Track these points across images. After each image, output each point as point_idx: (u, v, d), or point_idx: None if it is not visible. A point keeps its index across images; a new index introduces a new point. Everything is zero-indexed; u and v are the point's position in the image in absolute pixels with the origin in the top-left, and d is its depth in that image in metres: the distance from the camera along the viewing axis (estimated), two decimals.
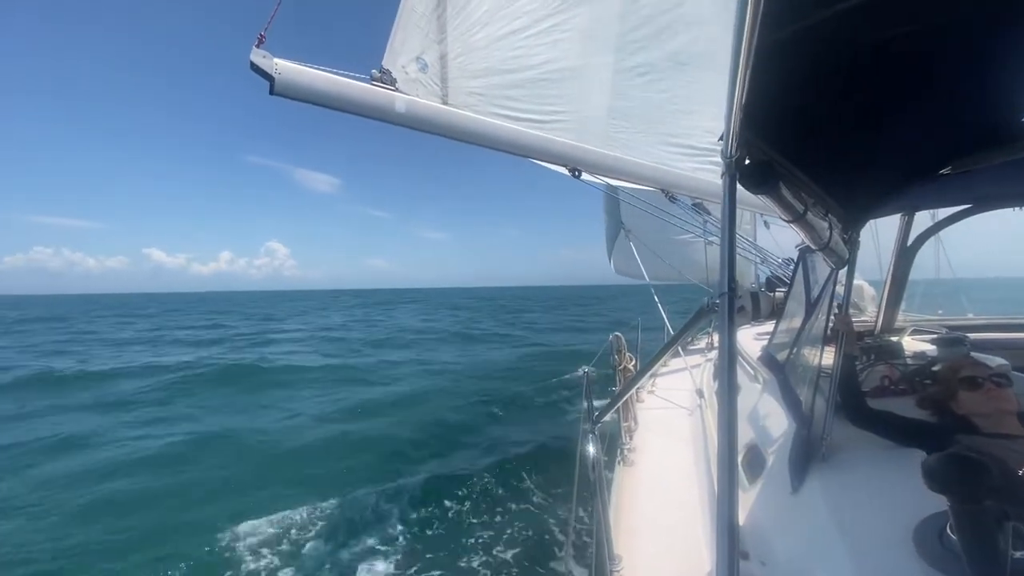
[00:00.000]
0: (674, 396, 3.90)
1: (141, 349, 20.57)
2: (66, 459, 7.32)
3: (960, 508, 0.61)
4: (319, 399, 10.83)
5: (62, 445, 7.95)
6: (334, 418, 9.35)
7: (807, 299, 2.24)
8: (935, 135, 1.41)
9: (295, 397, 11.11)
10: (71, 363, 16.20)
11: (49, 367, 15.12)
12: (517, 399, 10.22)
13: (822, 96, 1.09)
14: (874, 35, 0.95)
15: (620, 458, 2.78)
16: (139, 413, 9.94)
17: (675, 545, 1.87)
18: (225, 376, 13.40)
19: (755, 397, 2.44)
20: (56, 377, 13.63)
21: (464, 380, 12.81)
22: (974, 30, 0.96)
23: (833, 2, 0.76)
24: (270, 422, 9.16)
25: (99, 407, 10.52)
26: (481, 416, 9.23)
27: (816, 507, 1.44)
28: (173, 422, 9.24)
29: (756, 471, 1.91)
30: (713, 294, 0.94)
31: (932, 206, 2.40)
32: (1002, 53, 1.01)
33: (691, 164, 3.66)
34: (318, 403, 10.51)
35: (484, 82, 2.92)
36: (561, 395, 10.27)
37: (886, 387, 2.00)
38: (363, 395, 11.22)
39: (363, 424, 9.02)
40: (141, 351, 19.82)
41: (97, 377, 13.75)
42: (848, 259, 1.74)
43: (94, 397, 11.38)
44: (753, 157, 1.04)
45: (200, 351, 19.39)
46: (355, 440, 8.03)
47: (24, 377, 13.66)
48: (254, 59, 2.18)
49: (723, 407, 0.76)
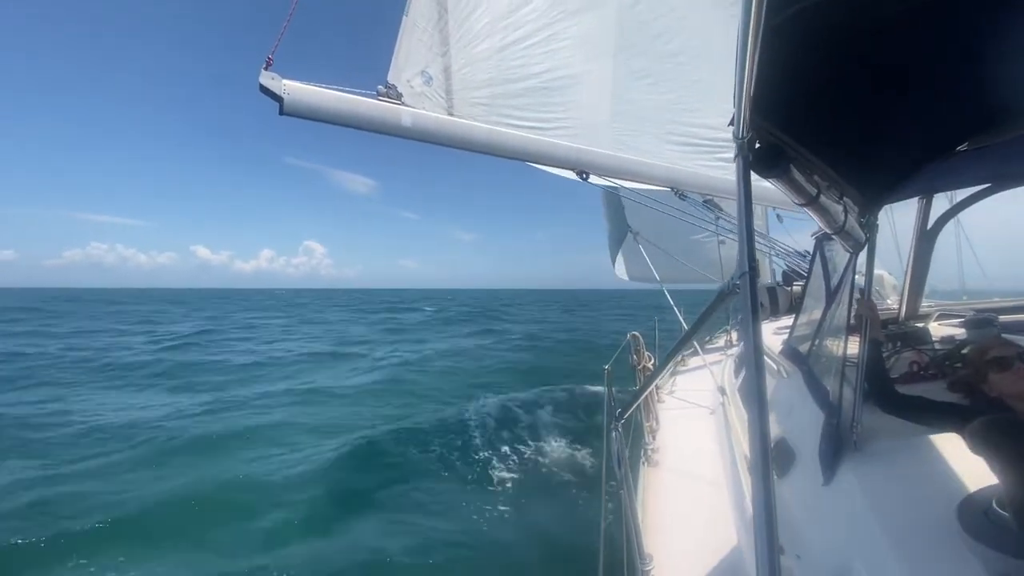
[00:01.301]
0: (695, 396, 3.84)
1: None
2: None
3: (1006, 468, 0.59)
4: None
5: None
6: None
7: (827, 288, 2.20)
8: (949, 112, 1.38)
9: None
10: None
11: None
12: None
13: (831, 78, 1.09)
14: (880, 13, 0.94)
15: (644, 458, 2.74)
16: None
17: (706, 542, 1.83)
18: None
19: (780, 391, 2.39)
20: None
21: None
22: (983, 5, 0.95)
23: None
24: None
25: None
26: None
27: (851, 497, 1.40)
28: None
29: (785, 465, 1.86)
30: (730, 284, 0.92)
31: (950, 187, 2.35)
32: (1014, 26, 1.00)
33: (700, 161, 3.65)
34: None
35: (488, 92, 2.96)
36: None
37: (915, 373, 1.94)
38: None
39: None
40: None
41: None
42: (866, 242, 1.71)
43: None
44: (764, 140, 1.03)
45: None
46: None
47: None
48: (263, 81, 2.24)
49: (752, 395, 0.74)
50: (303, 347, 20.39)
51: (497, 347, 20.07)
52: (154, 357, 16.60)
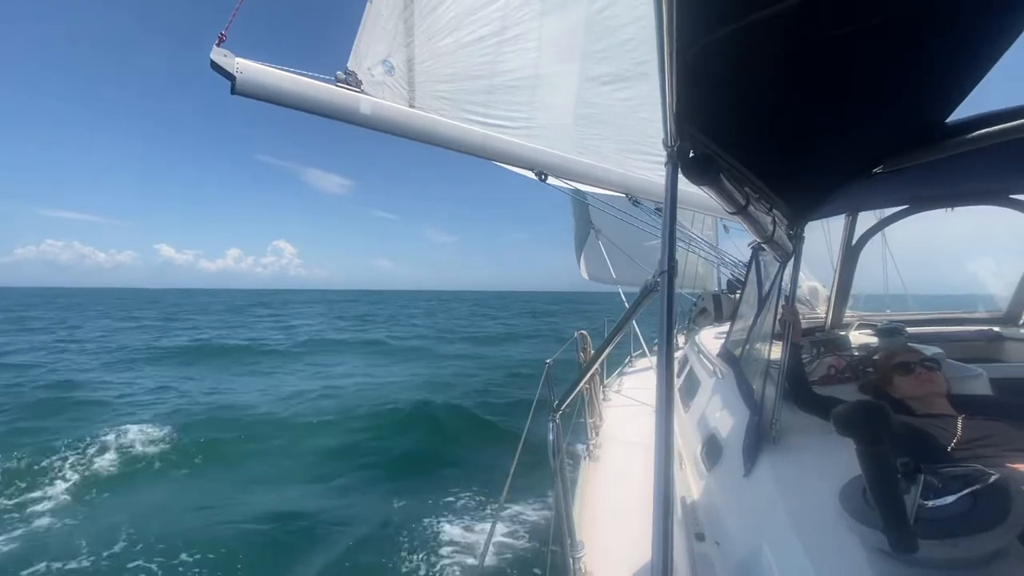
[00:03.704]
0: (640, 394, 4.00)
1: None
2: None
3: (864, 450, 0.67)
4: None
5: None
6: None
7: (759, 295, 2.35)
8: (867, 135, 1.48)
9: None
10: None
11: None
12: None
13: (754, 96, 1.13)
14: (800, 35, 1.00)
15: (586, 454, 2.84)
16: None
17: (638, 533, 1.92)
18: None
19: (715, 391, 2.53)
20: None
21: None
22: (901, 31, 1.02)
23: (744, 15, 0.78)
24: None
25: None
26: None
27: (766, 487, 1.51)
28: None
29: (714, 459, 1.98)
30: (661, 285, 0.97)
31: (871, 207, 2.56)
32: (927, 55, 1.08)
33: (655, 170, 3.78)
34: None
35: (451, 87, 2.97)
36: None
37: (832, 375, 2.11)
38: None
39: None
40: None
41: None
42: (793, 253, 1.85)
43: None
44: (697, 149, 1.10)
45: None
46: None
47: None
48: (214, 58, 2.16)
49: (660, 382, 0.79)
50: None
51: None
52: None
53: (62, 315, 40.13)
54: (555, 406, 1.71)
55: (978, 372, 2.03)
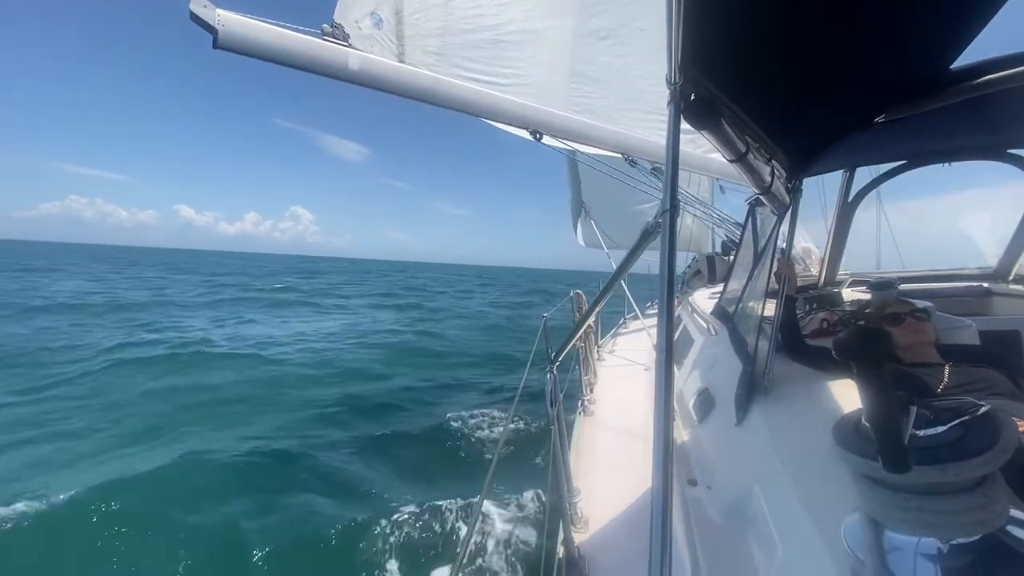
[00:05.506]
0: (633, 355, 4.08)
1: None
2: None
3: (865, 373, 0.69)
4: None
5: None
6: None
7: (755, 250, 2.36)
8: (871, 82, 1.45)
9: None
10: None
11: None
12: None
13: (757, 41, 1.11)
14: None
15: (581, 409, 2.91)
16: None
17: (630, 480, 1.99)
18: None
19: (708, 348, 2.58)
20: None
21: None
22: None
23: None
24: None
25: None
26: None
27: (758, 433, 1.56)
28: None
29: (706, 411, 2.04)
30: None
31: (869, 162, 2.53)
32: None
33: (651, 128, 3.71)
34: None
35: (441, 41, 2.85)
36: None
37: (824, 329, 2.15)
38: None
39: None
40: None
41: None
42: (790, 207, 1.84)
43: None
44: (698, 93, 1.08)
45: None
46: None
47: None
48: (194, 9, 2.06)
49: (661, 325, 0.80)
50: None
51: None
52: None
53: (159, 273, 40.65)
54: (552, 357, 1.74)
55: (967, 323, 2.07)
